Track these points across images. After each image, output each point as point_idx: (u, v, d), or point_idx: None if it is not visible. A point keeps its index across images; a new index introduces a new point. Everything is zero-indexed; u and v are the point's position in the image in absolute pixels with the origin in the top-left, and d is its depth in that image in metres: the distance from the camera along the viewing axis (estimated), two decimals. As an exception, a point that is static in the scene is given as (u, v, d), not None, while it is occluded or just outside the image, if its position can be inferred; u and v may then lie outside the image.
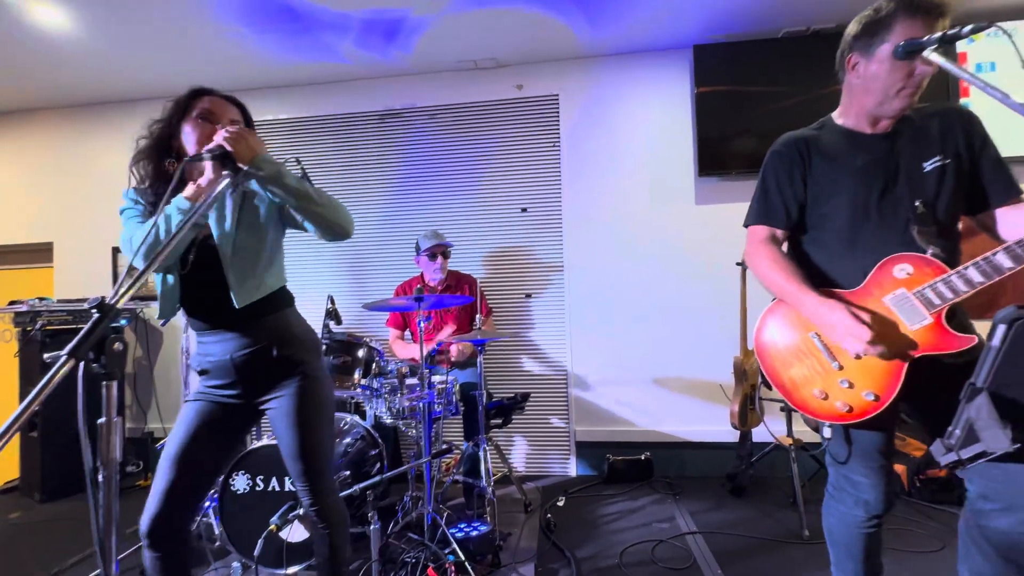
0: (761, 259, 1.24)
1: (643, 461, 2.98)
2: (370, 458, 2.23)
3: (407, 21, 2.79)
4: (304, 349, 1.32)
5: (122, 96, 3.52)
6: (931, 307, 1.05)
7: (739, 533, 2.24)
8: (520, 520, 2.46)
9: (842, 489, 1.25)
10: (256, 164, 1.12)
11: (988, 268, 0.99)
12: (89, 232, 3.60)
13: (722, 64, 2.99)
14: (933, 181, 1.13)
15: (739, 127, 2.99)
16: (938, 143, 1.15)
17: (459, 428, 2.84)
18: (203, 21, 2.71)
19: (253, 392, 1.30)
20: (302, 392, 1.28)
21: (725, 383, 2.90)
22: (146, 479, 3.13)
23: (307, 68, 3.22)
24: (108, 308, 0.83)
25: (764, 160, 1.30)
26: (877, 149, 1.17)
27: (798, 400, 1.19)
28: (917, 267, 1.08)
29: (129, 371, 3.49)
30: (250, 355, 1.26)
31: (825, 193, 1.20)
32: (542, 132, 3.25)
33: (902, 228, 1.12)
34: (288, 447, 1.28)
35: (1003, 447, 0.69)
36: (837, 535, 1.29)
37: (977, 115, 1.17)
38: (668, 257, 3.11)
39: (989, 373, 0.70)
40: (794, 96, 2.92)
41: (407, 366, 2.18)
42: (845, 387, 1.12)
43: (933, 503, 2.41)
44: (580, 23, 2.86)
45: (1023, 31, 2.75)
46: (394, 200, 3.35)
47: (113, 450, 0.86)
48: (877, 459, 1.19)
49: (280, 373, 1.28)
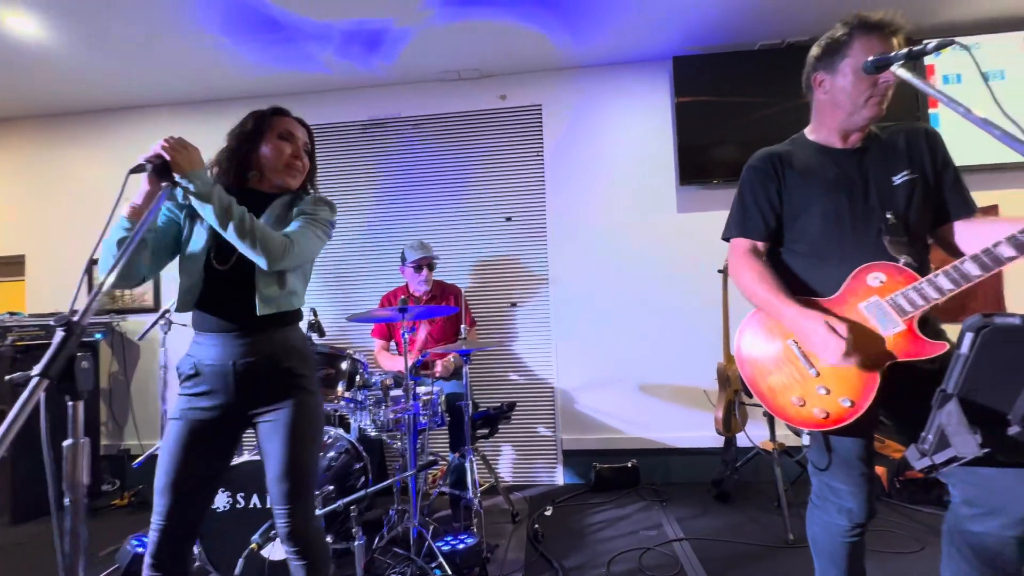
0: (743, 271, 1.26)
1: (630, 468, 2.98)
2: (355, 472, 2.20)
3: (389, 32, 2.80)
4: (304, 364, 1.31)
5: (99, 106, 3.46)
6: (903, 314, 1.08)
7: (725, 539, 2.25)
8: (508, 531, 2.44)
9: (825, 498, 1.26)
10: (190, 177, 1.12)
11: (957, 276, 1.02)
12: (63, 244, 3.51)
13: (701, 75, 3.05)
14: (903, 194, 1.18)
15: (719, 136, 3.04)
16: (905, 159, 1.20)
17: (445, 439, 2.82)
18: (183, 31, 2.68)
19: (247, 402, 1.26)
20: (299, 407, 1.25)
21: (709, 389, 2.93)
22: (122, 498, 3.04)
23: (289, 78, 3.21)
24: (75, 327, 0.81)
25: (741, 175, 1.34)
26: (847, 163, 1.22)
27: (777, 407, 1.21)
28: (890, 275, 1.11)
29: (104, 386, 3.40)
30: (253, 364, 1.24)
31: (799, 206, 1.24)
32: (526, 142, 3.28)
33: (874, 238, 1.16)
34: (276, 464, 1.23)
35: (972, 452, 0.71)
36: (821, 544, 1.30)
37: (940, 133, 1.24)
38: (651, 265, 3.14)
39: (958, 380, 0.72)
40: (772, 106, 2.98)
41: (391, 378, 2.16)
42: (822, 393, 1.14)
43: (913, 504, 2.45)
44: (561, 35, 2.90)
45: (986, 45, 2.86)
46: (378, 210, 3.34)
47: (80, 473, 0.83)
48: (858, 466, 1.20)
49: (279, 386, 1.26)
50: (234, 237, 1.16)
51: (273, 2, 2.49)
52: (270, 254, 1.17)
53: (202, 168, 1.16)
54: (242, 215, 1.17)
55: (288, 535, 1.24)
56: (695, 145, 3.06)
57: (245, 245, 1.16)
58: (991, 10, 2.80)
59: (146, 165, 1.09)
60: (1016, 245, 0.96)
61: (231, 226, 1.15)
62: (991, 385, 0.72)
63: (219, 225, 1.16)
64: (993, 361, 0.70)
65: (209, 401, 1.25)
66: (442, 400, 2.34)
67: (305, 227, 1.28)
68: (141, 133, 3.47)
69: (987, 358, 0.70)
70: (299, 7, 2.54)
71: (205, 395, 1.25)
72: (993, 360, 0.70)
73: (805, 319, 1.12)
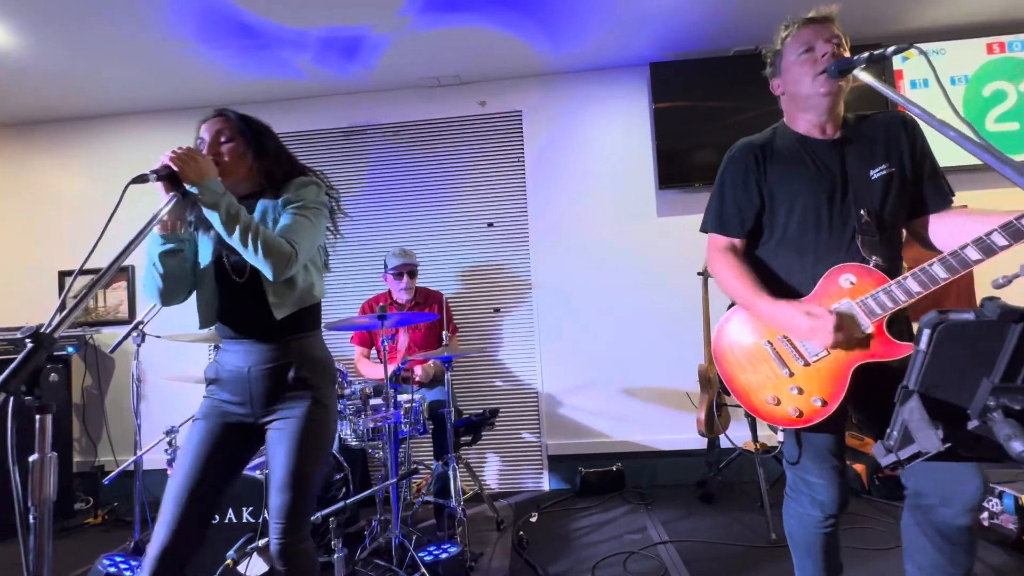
0: (720, 267, 1.29)
1: (615, 472, 2.99)
2: (335, 483, 2.17)
3: (367, 39, 2.80)
4: (321, 375, 1.29)
5: (68, 114, 3.39)
6: (873, 316, 1.11)
7: (709, 540, 2.27)
8: (492, 539, 2.43)
9: (799, 491, 1.29)
10: (199, 187, 1.12)
11: (925, 278, 1.05)
12: (32, 255, 3.43)
13: (678, 81, 3.10)
14: (879, 189, 1.18)
15: (696, 141, 3.09)
16: (883, 151, 1.20)
17: (429, 448, 2.80)
18: (156, 37, 2.65)
19: (260, 409, 1.26)
20: (310, 417, 1.24)
21: (692, 391, 2.95)
22: (96, 517, 2.96)
23: (266, 85, 3.19)
24: (43, 338, 0.79)
25: (722, 164, 1.32)
26: (827, 156, 1.22)
27: (752, 405, 1.23)
28: (860, 277, 1.13)
29: (77, 401, 3.32)
30: (267, 371, 1.25)
31: (779, 199, 1.24)
32: (506, 148, 3.29)
33: (849, 237, 1.17)
34: (279, 474, 1.22)
35: (935, 447, 0.73)
36: (796, 536, 1.33)
37: (918, 122, 1.22)
38: (632, 268, 3.17)
39: (918, 376, 0.74)
40: (747, 111, 3.04)
41: (371, 386, 2.14)
42: (795, 393, 1.16)
43: (892, 500, 2.50)
44: (540, 41, 2.93)
45: (951, 50, 2.96)
46: (359, 217, 3.32)
47: (47, 488, 0.81)
48: (829, 460, 1.23)
49: (291, 394, 1.25)
50: (239, 246, 1.15)
51: (247, 9, 2.47)
52: (275, 265, 1.16)
53: (212, 178, 1.15)
54: (248, 223, 1.15)
55: (280, 552, 1.21)
56: (673, 149, 3.11)
57: (249, 254, 1.15)
58: (956, 16, 2.90)
59: (150, 176, 1.08)
60: (982, 248, 0.99)
61: (236, 235, 1.14)
62: (950, 381, 0.74)
63: (226, 233, 1.15)
64: (950, 357, 0.72)
65: (228, 407, 1.27)
66: (424, 408, 2.32)
67: (297, 220, 1.24)
68: (113, 142, 3.41)
69: (944, 354, 0.72)
70: (274, 14, 2.53)
71: (225, 401, 1.27)
72: (950, 356, 0.72)
73: (779, 309, 1.15)
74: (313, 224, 1.26)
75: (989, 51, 2.95)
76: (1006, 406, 0.73)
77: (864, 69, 1.11)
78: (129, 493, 2.52)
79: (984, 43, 2.96)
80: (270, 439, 1.26)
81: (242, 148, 1.28)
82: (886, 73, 2.97)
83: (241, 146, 1.28)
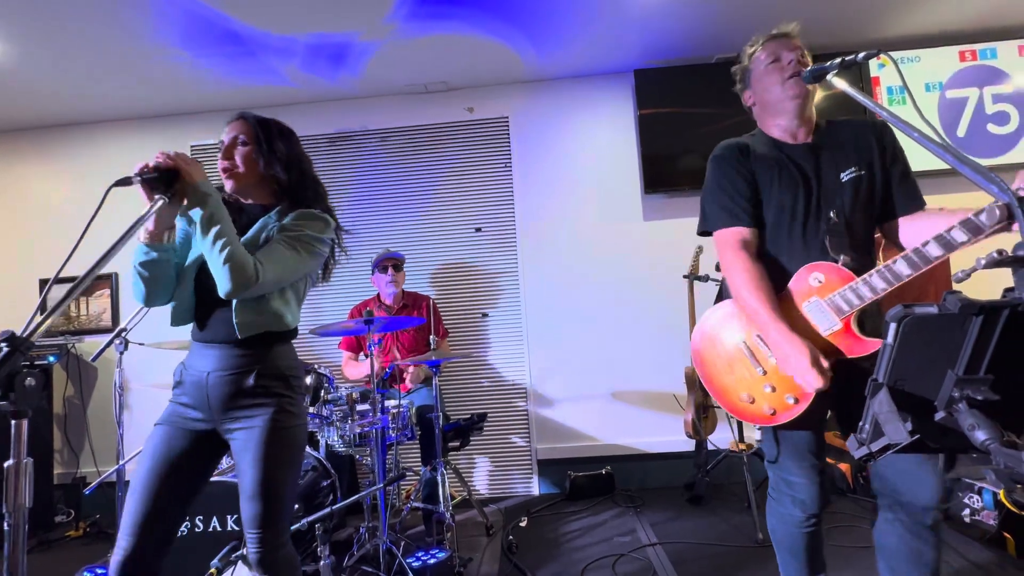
0: (737, 270, 1.21)
1: (604, 476, 3.00)
2: (322, 489, 2.16)
3: (354, 46, 2.82)
4: (285, 385, 1.25)
5: (55, 121, 3.36)
6: (841, 313, 1.13)
7: (697, 541, 2.29)
8: (482, 544, 2.42)
9: (780, 491, 1.31)
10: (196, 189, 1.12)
11: (889, 275, 1.08)
12: (14, 263, 3.38)
13: (662, 87, 3.15)
14: (849, 191, 1.21)
15: (681, 146, 3.14)
16: (854, 154, 1.24)
17: (418, 453, 2.79)
18: (142, 44, 2.65)
19: (218, 416, 1.22)
20: (273, 424, 1.20)
21: (679, 393, 2.98)
22: (77, 529, 2.90)
23: (253, 91, 3.19)
24: (19, 342, 0.79)
25: (708, 167, 1.33)
26: (802, 159, 1.25)
27: (729, 404, 1.25)
28: (828, 275, 1.16)
29: (59, 411, 3.26)
30: (226, 377, 1.21)
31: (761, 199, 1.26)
32: (494, 154, 3.32)
33: (821, 238, 1.21)
34: (247, 483, 1.19)
35: (903, 438, 0.75)
36: (780, 536, 1.34)
37: (889, 125, 1.24)
38: (619, 272, 3.20)
39: (886, 369, 0.76)
40: (730, 117, 3.09)
41: (357, 391, 2.14)
42: (768, 391, 1.19)
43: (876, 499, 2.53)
44: (526, 49, 2.97)
45: (926, 58, 3.04)
46: (347, 224, 3.28)
47: (22, 495, 0.81)
48: (808, 458, 1.25)
49: (253, 402, 1.21)
50: (207, 250, 1.13)
51: (233, 16, 2.48)
52: (232, 282, 1.12)
53: (206, 180, 1.14)
54: (224, 231, 1.13)
55: (258, 562, 1.19)
56: (658, 155, 3.15)
57: (214, 261, 1.13)
58: (930, 25, 2.98)
59: (134, 179, 1.06)
60: (943, 244, 1.03)
61: (210, 237, 1.12)
62: (917, 373, 0.77)
63: (201, 234, 1.13)
64: (916, 350, 0.74)
65: (190, 411, 1.23)
66: (412, 413, 2.32)
67: (279, 249, 1.21)
68: (97, 149, 3.38)
69: (910, 347, 0.74)
70: (260, 21, 2.54)
71: (187, 406, 1.24)
72: (916, 349, 0.74)
73: (790, 345, 1.11)
74: (299, 258, 1.24)
75: (961, 59, 3.04)
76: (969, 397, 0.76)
77: (837, 75, 1.15)
78: (111, 504, 2.48)
79: (957, 51, 3.05)
80: (234, 448, 1.23)
81: (255, 154, 1.29)
82: (863, 80, 3.04)
83: (254, 152, 1.29)
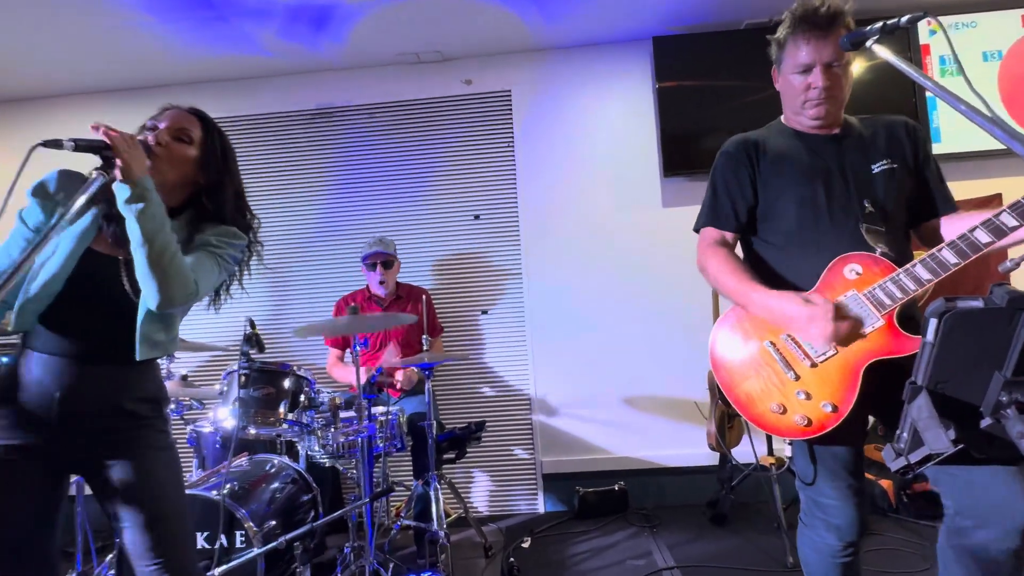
0: (710, 261, 1.34)
1: (617, 492, 3.01)
2: (303, 504, 2.18)
3: (339, 9, 2.81)
4: (155, 410, 1.27)
5: (5, 96, 3.39)
6: (882, 308, 1.13)
7: (720, 565, 2.29)
8: (480, 566, 2.44)
9: (812, 515, 1.30)
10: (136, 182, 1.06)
11: (935, 264, 1.08)
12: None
13: (684, 57, 3.13)
14: (881, 182, 1.26)
15: (705, 124, 3.12)
16: (884, 149, 1.29)
17: (408, 466, 2.80)
18: (103, 10, 2.65)
19: (71, 447, 1.17)
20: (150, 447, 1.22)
21: (701, 401, 2.98)
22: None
23: (226, 62, 3.19)
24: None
25: (714, 162, 1.41)
26: (824, 149, 1.30)
27: (755, 416, 1.24)
28: (866, 266, 1.16)
29: None
30: (84, 400, 1.16)
31: (774, 194, 1.31)
32: (494, 132, 3.31)
33: (852, 227, 1.22)
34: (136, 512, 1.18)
35: (944, 447, 0.75)
36: (813, 566, 1.34)
37: (921, 127, 1.35)
38: (634, 265, 3.20)
39: (926, 370, 0.76)
40: (761, 91, 3.07)
41: (341, 397, 2.15)
42: (802, 399, 1.18)
43: (921, 519, 2.53)
44: (531, 13, 2.95)
45: (984, 23, 3.00)
46: (331, 209, 3.33)
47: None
48: (845, 478, 1.24)
49: (117, 434, 1.20)
50: (144, 259, 1.09)
51: (204, -23, 2.49)
52: (174, 294, 1.11)
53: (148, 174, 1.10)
54: (169, 240, 1.11)
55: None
56: (680, 133, 3.14)
57: (149, 271, 1.09)
58: (987, -14, 2.95)
59: (66, 144, 1.01)
60: (992, 229, 1.02)
61: (150, 247, 1.08)
62: (960, 375, 0.76)
63: (140, 240, 1.08)
64: (959, 349, 0.74)
65: (22, 433, 1.14)
66: (402, 421, 2.33)
67: (207, 263, 1.23)
68: (52, 125, 3.37)
69: (953, 346, 0.74)
70: (234, -18, 2.54)
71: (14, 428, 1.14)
72: (959, 348, 0.74)
73: (773, 299, 1.18)
74: (218, 276, 1.28)
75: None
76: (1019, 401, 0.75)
77: (878, 41, 1.14)
78: (69, 522, 2.51)
79: (1020, 15, 3.00)
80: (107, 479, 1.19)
81: (192, 158, 1.27)
82: (911, 48, 3.01)
83: (193, 156, 1.27)
